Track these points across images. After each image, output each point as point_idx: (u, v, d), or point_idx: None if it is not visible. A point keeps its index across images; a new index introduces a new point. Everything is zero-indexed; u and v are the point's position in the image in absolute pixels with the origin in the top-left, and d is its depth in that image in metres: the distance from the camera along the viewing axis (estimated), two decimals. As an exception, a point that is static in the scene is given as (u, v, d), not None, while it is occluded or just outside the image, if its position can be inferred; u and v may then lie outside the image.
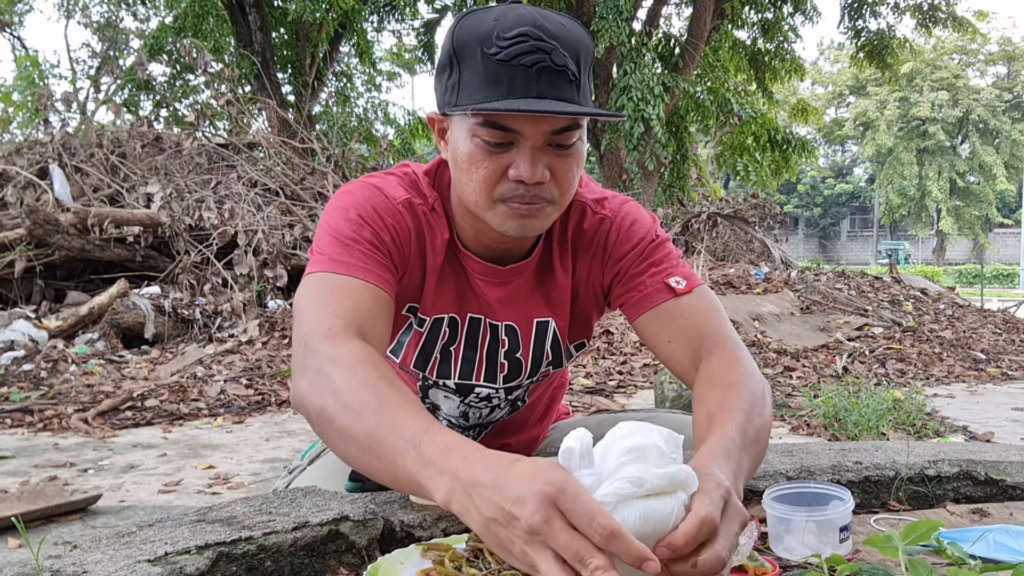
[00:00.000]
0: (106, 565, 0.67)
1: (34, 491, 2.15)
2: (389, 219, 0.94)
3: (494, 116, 0.86)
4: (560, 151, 0.89)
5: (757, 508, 0.85)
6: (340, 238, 0.91)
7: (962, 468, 0.99)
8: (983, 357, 5.32)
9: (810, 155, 10.20)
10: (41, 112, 6.05)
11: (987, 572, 0.65)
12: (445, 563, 0.67)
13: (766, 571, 0.68)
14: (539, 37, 0.84)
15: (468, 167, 0.89)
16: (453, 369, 1.08)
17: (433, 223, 0.99)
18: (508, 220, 0.91)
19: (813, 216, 37.43)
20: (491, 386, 1.11)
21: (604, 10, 7.35)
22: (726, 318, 1.01)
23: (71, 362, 4.21)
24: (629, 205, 1.07)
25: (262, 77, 9.02)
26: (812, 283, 6.80)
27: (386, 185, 0.98)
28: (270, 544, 0.74)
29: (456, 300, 1.04)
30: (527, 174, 0.87)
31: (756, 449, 0.81)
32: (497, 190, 0.90)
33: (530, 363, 1.09)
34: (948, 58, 30.32)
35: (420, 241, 0.99)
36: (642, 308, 1.01)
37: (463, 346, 1.06)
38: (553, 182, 0.90)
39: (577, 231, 1.04)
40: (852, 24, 10.42)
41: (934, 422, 3.27)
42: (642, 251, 1.02)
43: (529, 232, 0.93)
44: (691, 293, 1.00)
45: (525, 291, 1.05)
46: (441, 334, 1.05)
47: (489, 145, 0.87)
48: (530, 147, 0.87)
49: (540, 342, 1.08)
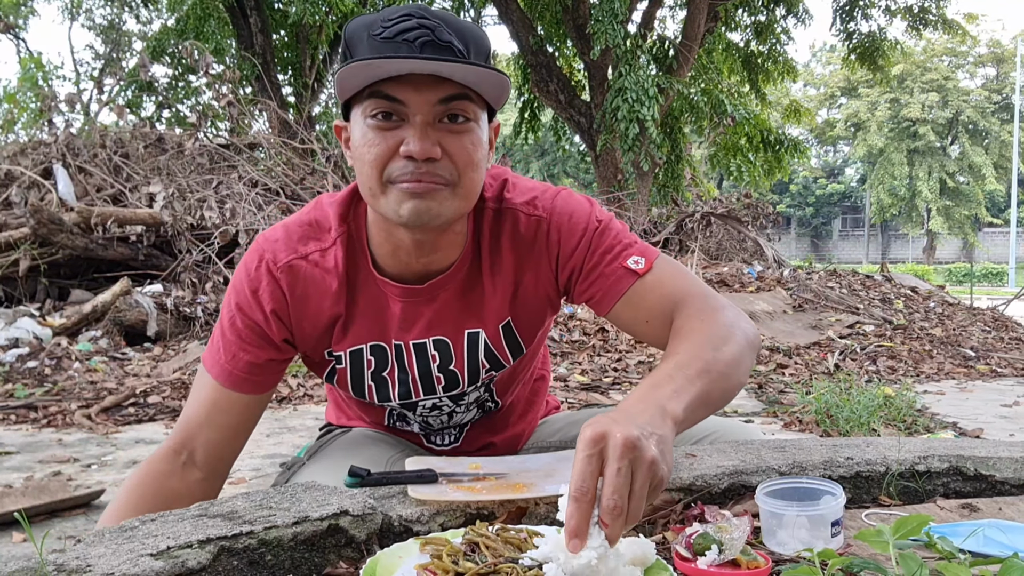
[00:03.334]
0: (109, 559, 0.67)
1: (38, 486, 2.15)
2: (263, 292, 0.98)
3: (377, 86, 0.85)
4: (452, 126, 0.87)
5: (750, 503, 0.85)
6: (223, 324, 1.01)
7: (952, 464, 0.98)
8: (972, 354, 5.37)
9: (802, 155, 10.29)
10: (45, 113, 6.06)
11: (977, 566, 0.64)
12: (443, 557, 0.68)
13: (759, 565, 0.68)
14: (423, 16, 0.84)
15: (362, 151, 0.88)
16: (392, 392, 1.07)
17: (327, 267, 0.98)
18: (402, 203, 0.87)
19: (805, 215, 37.61)
20: (433, 397, 1.10)
21: (600, 13, 7.42)
22: (692, 277, 1.00)
23: (75, 359, 4.23)
24: (561, 197, 1.02)
25: (263, 79, 9.03)
26: (804, 282, 6.87)
27: (272, 246, 0.99)
28: (270, 538, 0.74)
29: (374, 328, 1.02)
30: (416, 148, 0.84)
31: (708, 378, 0.81)
32: (388, 170, 0.87)
33: (466, 374, 1.07)
34: (938, 60, 30.54)
35: (303, 301, 0.99)
36: (611, 300, 0.98)
37: (395, 369, 1.05)
38: (448, 160, 0.87)
39: (514, 238, 1.00)
40: (844, 26, 10.53)
41: (924, 418, 3.27)
42: (590, 242, 0.99)
43: (427, 218, 0.88)
44: (652, 270, 0.98)
45: (451, 303, 1.01)
46: (366, 363, 1.04)
47: (378, 121, 0.86)
48: (420, 122, 0.85)
49: (473, 353, 1.05)
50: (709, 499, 0.89)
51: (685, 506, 0.86)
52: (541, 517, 0.85)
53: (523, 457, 1.04)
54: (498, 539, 0.72)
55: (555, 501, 0.85)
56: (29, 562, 0.66)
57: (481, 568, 0.66)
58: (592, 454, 0.64)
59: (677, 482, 0.89)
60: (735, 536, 0.69)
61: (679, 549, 0.71)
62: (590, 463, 0.64)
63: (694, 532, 0.72)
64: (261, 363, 1.00)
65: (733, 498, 0.90)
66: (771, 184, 11.67)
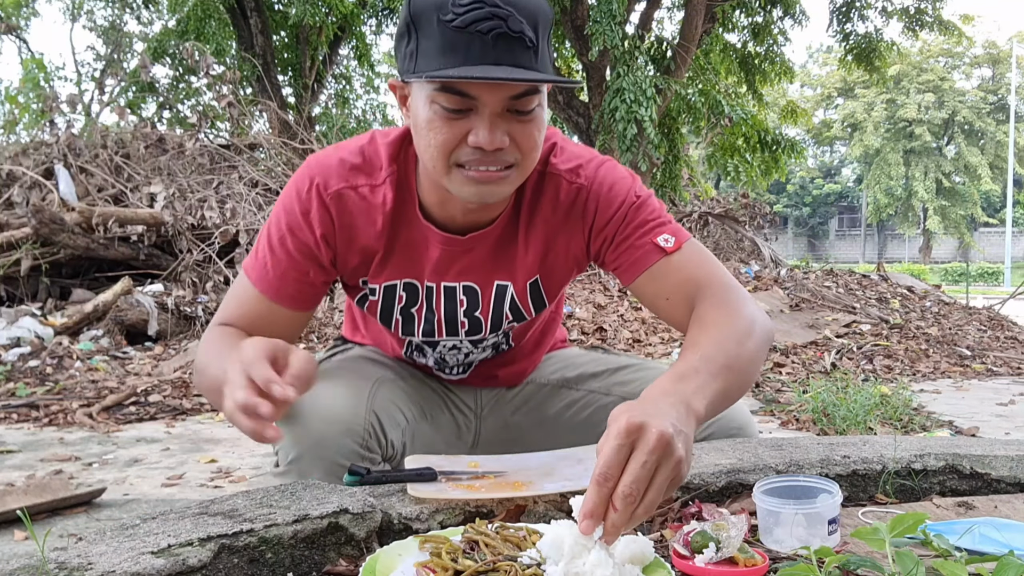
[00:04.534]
0: (110, 557, 0.68)
1: (40, 484, 2.13)
2: (314, 216, 1.01)
3: (452, 83, 0.84)
4: (520, 117, 0.88)
5: (747, 501, 0.86)
6: (270, 240, 1.04)
7: (948, 462, 0.99)
8: (968, 353, 5.38)
9: (799, 156, 10.30)
10: (47, 114, 6.06)
11: (972, 564, 0.65)
12: (442, 555, 0.68)
13: (756, 563, 0.68)
14: (494, 3, 0.83)
15: (427, 133, 0.88)
16: (416, 328, 1.12)
17: (374, 202, 1.01)
18: (466, 186, 0.90)
19: (802, 215, 37.66)
20: (455, 339, 1.15)
21: (598, 14, 7.43)
22: (718, 265, 1.02)
23: (76, 358, 4.24)
24: (605, 168, 1.04)
25: (263, 79, 9.05)
26: (801, 281, 6.89)
27: (324, 172, 1.01)
28: (271, 536, 0.75)
29: (410, 267, 1.06)
30: (486, 141, 0.86)
31: (730, 375, 0.83)
32: (455, 155, 0.89)
33: (490, 322, 1.12)
34: (934, 61, 30.61)
35: (351, 230, 1.02)
36: (636, 272, 1.01)
37: (424, 308, 1.10)
38: (514, 146, 0.89)
39: (554, 203, 1.03)
40: (840, 28, 10.54)
41: (920, 417, 3.26)
42: (625, 215, 1.01)
43: (489, 199, 0.92)
44: (681, 250, 0.99)
45: (486, 257, 1.05)
46: (397, 298, 1.09)
47: (447, 111, 0.86)
48: (489, 114, 0.86)
49: (499, 303, 1.10)
50: (707, 497, 0.89)
51: (683, 504, 0.87)
52: (540, 515, 0.85)
53: (522, 456, 1.05)
54: (497, 537, 0.72)
55: (554, 499, 0.86)
56: (31, 560, 0.66)
57: (480, 566, 0.66)
58: (624, 444, 0.65)
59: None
60: (732, 534, 0.70)
61: (677, 547, 0.71)
62: (619, 452, 0.65)
63: (692, 530, 0.72)
64: (309, 282, 1.04)
65: (730, 496, 0.91)
66: (768, 184, 11.70)
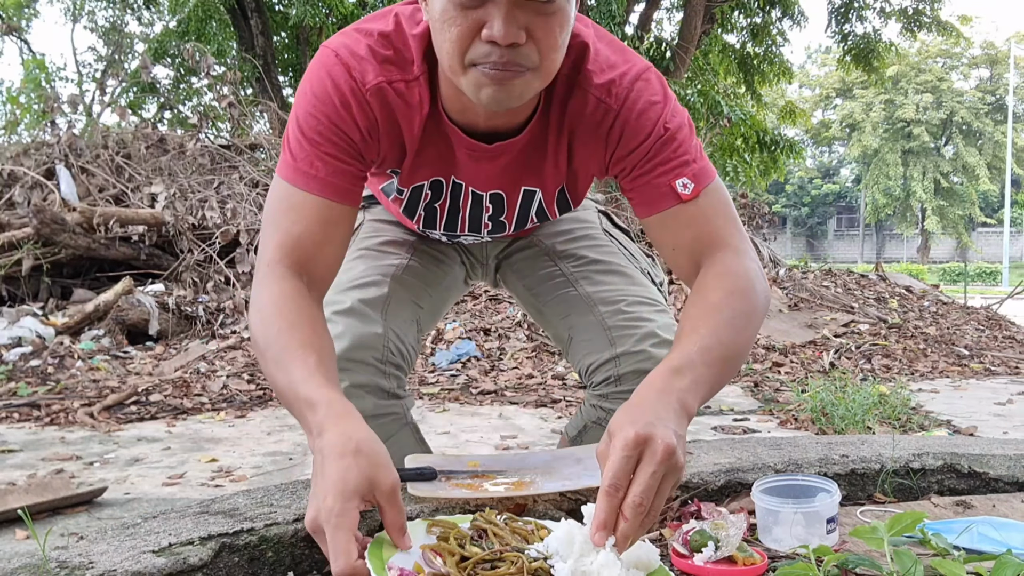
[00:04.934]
0: (111, 556, 0.68)
1: (41, 483, 2.13)
2: (356, 111, 0.90)
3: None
4: (542, 6, 0.78)
5: (746, 500, 0.86)
6: (307, 135, 0.91)
7: (946, 461, 1.00)
8: (966, 353, 5.39)
9: (798, 156, 10.32)
10: (48, 114, 6.06)
11: (970, 562, 0.65)
12: (450, 539, 0.68)
13: (755, 562, 0.69)
14: None
15: (441, 27, 0.81)
16: (439, 222, 1.10)
17: (411, 101, 0.92)
18: (481, 88, 0.82)
19: (801, 215, 37.70)
20: (476, 235, 1.15)
21: (597, 15, 7.45)
22: (733, 219, 0.96)
23: (77, 358, 4.25)
24: (637, 88, 0.94)
25: (264, 80, 9.05)
26: (800, 281, 6.90)
27: (359, 63, 0.91)
28: (271, 535, 0.75)
29: (439, 166, 1.00)
30: (500, 34, 0.77)
31: (724, 366, 0.81)
32: (470, 53, 0.81)
33: (514, 224, 1.10)
34: (932, 61, 30.65)
35: (391, 126, 0.94)
36: (647, 211, 0.96)
37: (447, 205, 1.06)
38: (532, 45, 0.80)
39: (580, 117, 0.95)
40: (839, 28, 10.56)
41: (919, 416, 3.27)
42: (648, 149, 0.93)
43: (506, 104, 0.84)
44: (697, 199, 0.93)
45: (514, 165, 1.00)
46: (423, 196, 1.05)
47: (461, 1, 0.78)
48: (505, 3, 0.77)
49: (525, 207, 1.06)
50: (706, 496, 0.90)
51: (682, 503, 0.87)
52: (540, 514, 0.86)
53: (522, 455, 1.06)
54: (506, 528, 0.72)
55: (554, 499, 0.87)
56: (32, 559, 0.67)
57: (487, 554, 0.66)
58: (631, 456, 0.68)
59: None
60: (731, 533, 0.70)
61: (676, 546, 0.72)
62: (628, 463, 0.67)
63: (691, 529, 0.72)
64: (356, 174, 0.94)
65: (729, 495, 0.92)
66: (767, 184, 11.72)
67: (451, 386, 3.89)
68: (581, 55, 0.93)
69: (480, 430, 3.01)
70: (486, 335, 4.68)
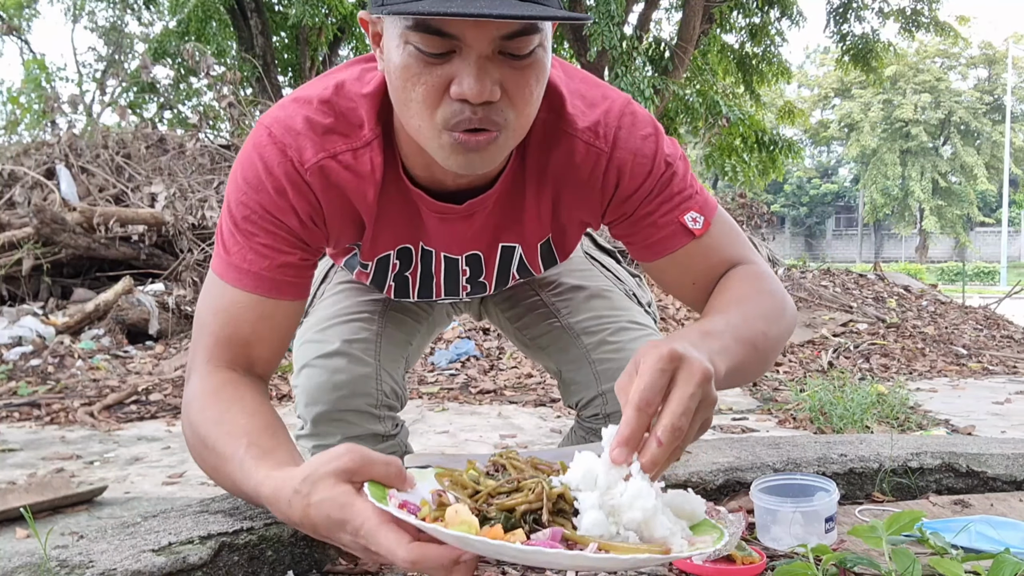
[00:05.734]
0: (111, 555, 0.68)
1: (41, 483, 2.14)
2: (294, 197, 0.82)
3: (427, 19, 0.66)
4: (515, 61, 0.70)
5: (745, 499, 0.87)
6: (239, 226, 0.83)
7: (944, 460, 1.00)
8: (965, 352, 5.40)
9: (796, 156, 10.33)
10: (48, 114, 6.07)
11: (968, 561, 0.65)
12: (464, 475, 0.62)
13: (754, 560, 0.69)
14: None
15: (404, 84, 0.71)
16: (411, 291, 1.02)
17: (361, 171, 0.83)
18: (453, 155, 0.73)
19: (799, 215, 37.74)
20: (454, 298, 1.07)
21: (596, 15, 7.45)
22: (745, 241, 0.92)
23: (77, 357, 4.26)
24: (625, 126, 0.86)
25: (263, 80, 9.05)
26: (798, 280, 6.92)
27: (295, 140, 0.81)
28: (271, 535, 0.75)
29: (405, 233, 0.92)
30: (472, 91, 0.68)
31: (753, 352, 0.74)
32: (440, 113, 0.71)
33: (495, 282, 1.02)
34: (931, 61, 30.68)
35: (341, 204, 0.85)
36: (655, 254, 0.89)
37: (419, 273, 0.98)
38: (507, 101, 0.71)
39: (567, 165, 0.86)
40: (837, 28, 10.58)
41: (917, 416, 3.26)
42: (651, 188, 0.86)
43: (479, 169, 0.76)
44: (710, 231, 0.87)
45: (489, 222, 0.91)
46: (391, 266, 0.97)
47: (424, 55, 0.69)
48: (476, 57, 0.68)
49: (505, 264, 0.99)
50: (705, 495, 0.90)
51: None
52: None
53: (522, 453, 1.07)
54: (527, 463, 0.64)
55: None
56: (33, 558, 0.67)
57: (501, 484, 0.59)
58: (666, 369, 0.59)
59: (672, 478, 0.90)
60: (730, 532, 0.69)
61: None
62: (663, 377, 0.59)
63: None
64: (300, 264, 0.86)
65: (728, 494, 0.92)
66: (765, 184, 11.73)
67: (450, 385, 3.91)
68: (557, 97, 0.85)
69: (479, 429, 3.02)
70: (485, 334, 4.70)
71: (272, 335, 0.85)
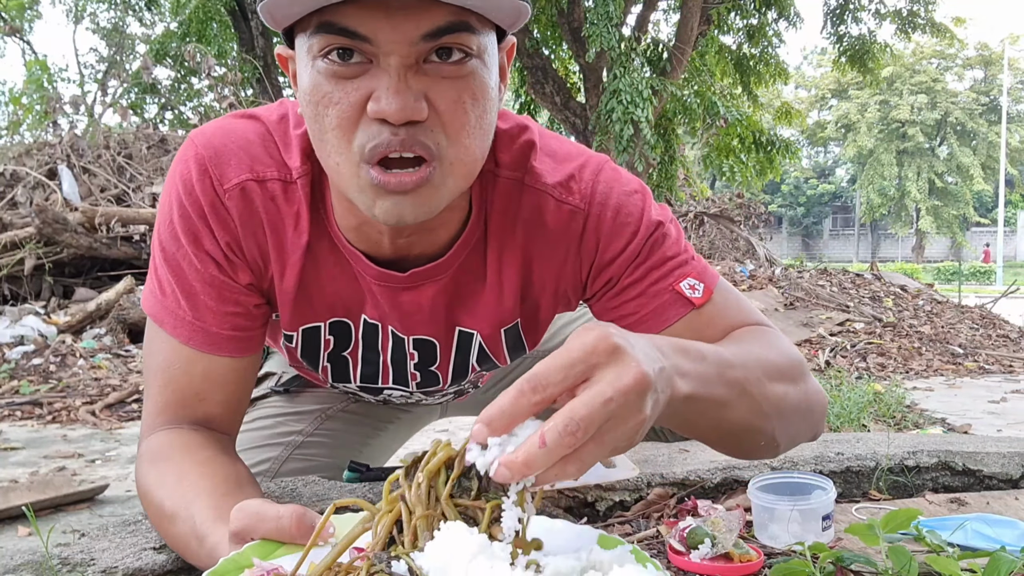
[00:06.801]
0: (113, 552, 0.68)
1: (43, 481, 2.14)
2: (214, 223, 0.70)
3: (329, 16, 0.56)
4: (443, 66, 0.59)
5: (742, 497, 0.86)
6: (169, 262, 0.72)
7: (940, 459, 0.99)
8: (961, 351, 5.41)
9: (793, 156, 10.36)
10: (50, 115, 6.09)
11: (964, 559, 0.64)
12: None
13: (751, 559, 0.69)
14: None
15: (315, 110, 0.60)
16: (352, 374, 0.84)
17: (284, 209, 0.71)
18: (376, 198, 0.61)
19: (796, 215, 37.82)
20: (404, 389, 0.88)
21: (595, 16, 7.47)
22: (752, 308, 0.80)
23: (79, 356, 4.27)
24: (603, 180, 0.74)
25: (264, 81, 9.06)
26: (796, 280, 6.94)
27: (217, 156, 0.70)
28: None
29: (340, 302, 0.76)
30: (392, 107, 0.56)
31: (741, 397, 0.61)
32: (356, 139, 0.59)
33: (450, 375, 0.85)
34: (927, 62, 30.78)
35: (256, 238, 0.72)
36: (653, 326, 0.74)
37: (360, 350, 0.81)
38: (436, 121, 0.59)
39: (537, 227, 0.74)
40: (834, 30, 10.61)
41: (913, 414, 3.28)
42: (637, 251, 0.74)
43: (409, 218, 0.62)
44: (713, 298, 0.75)
45: (441, 297, 0.75)
46: (323, 343, 0.80)
47: (334, 64, 0.58)
48: (396, 65, 0.57)
49: (463, 354, 0.82)
50: (702, 493, 0.90)
51: (678, 500, 0.87)
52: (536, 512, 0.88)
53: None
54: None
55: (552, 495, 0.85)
56: (34, 555, 0.67)
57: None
58: (586, 359, 0.45)
59: (670, 476, 0.90)
60: (727, 530, 0.70)
61: (672, 543, 0.71)
62: (572, 368, 0.45)
63: (687, 526, 0.72)
64: (239, 314, 0.73)
65: (725, 492, 0.92)
66: (763, 184, 11.76)
67: (450, 386, 3.92)
68: (526, 152, 0.74)
69: (479, 430, 3.03)
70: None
71: (221, 393, 0.74)
